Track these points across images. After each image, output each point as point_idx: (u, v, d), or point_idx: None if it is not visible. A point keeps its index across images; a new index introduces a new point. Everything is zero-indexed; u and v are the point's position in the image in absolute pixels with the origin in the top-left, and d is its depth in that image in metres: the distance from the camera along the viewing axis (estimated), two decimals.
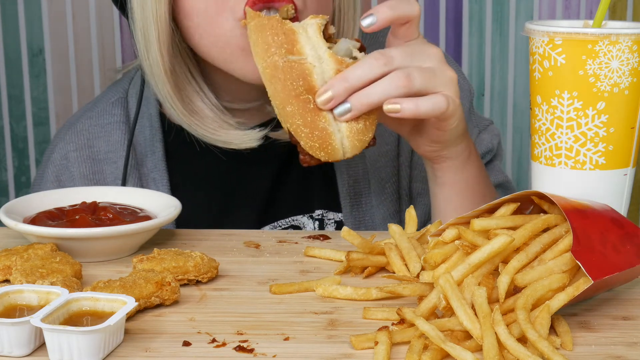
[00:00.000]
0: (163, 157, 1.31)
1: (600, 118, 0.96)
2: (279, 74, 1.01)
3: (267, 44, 1.02)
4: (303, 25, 1.03)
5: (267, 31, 1.02)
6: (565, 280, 0.86)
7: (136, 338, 0.86)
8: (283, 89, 1.01)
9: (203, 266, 0.99)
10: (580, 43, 0.94)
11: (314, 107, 1.02)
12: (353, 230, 1.04)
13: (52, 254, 0.99)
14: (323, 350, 0.83)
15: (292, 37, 1.01)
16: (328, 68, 1.02)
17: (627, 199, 1.00)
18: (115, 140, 1.32)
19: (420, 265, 0.96)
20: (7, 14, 2.36)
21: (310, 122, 1.02)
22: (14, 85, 2.40)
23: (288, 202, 1.34)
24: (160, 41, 1.18)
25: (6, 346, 0.82)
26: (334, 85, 1.01)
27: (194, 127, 1.25)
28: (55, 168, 1.32)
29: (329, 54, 1.02)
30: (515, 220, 0.92)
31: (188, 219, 1.25)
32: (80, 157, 1.32)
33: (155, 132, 1.32)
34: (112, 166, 1.31)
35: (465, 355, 0.78)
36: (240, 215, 1.33)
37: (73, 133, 1.34)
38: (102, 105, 1.35)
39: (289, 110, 1.02)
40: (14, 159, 2.44)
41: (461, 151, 1.15)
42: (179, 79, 1.24)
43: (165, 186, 1.30)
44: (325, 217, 1.34)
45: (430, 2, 2.35)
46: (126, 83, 1.37)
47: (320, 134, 1.02)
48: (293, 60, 1.01)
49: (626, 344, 0.85)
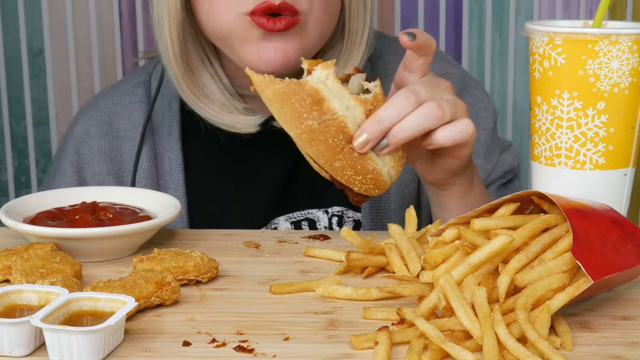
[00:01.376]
0: (179, 137, 1.36)
1: (600, 118, 0.96)
2: (317, 136, 1.02)
3: (296, 111, 1.01)
4: (320, 79, 1.02)
5: (291, 98, 1.01)
6: (565, 280, 0.86)
7: (136, 338, 0.86)
8: (326, 149, 1.02)
9: (203, 266, 0.99)
10: (580, 43, 0.94)
11: (358, 154, 1.04)
12: (353, 231, 1.04)
13: (52, 254, 0.99)
14: (323, 350, 0.83)
15: (317, 97, 1.01)
16: (357, 112, 1.03)
17: (627, 199, 1.00)
18: (135, 119, 1.38)
19: (420, 265, 0.96)
20: (7, 14, 2.36)
21: (361, 169, 1.04)
22: (14, 85, 2.40)
23: (304, 194, 1.35)
24: (171, 27, 1.26)
25: (6, 346, 0.82)
26: (368, 128, 1.02)
27: (199, 109, 1.31)
28: (75, 141, 1.39)
29: (354, 99, 1.03)
30: (515, 220, 0.92)
31: (200, 202, 1.32)
32: (100, 133, 1.38)
33: (174, 113, 1.37)
34: (130, 143, 1.37)
35: (465, 355, 0.78)
36: (252, 202, 1.36)
37: (95, 110, 1.40)
38: (126, 86, 1.42)
39: (338, 166, 1.04)
40: (14, 159, 2.44)
41: (466, 177, 1.16)
42: (193, 62, 1.31)
43: (180, 165, 1.35)
44: (344, 215, 1.36)
45: (430, 2, 2.35)
46: (151, 67, 1.44)
47: (372, 176, 1.05)
48: (327, 119, 1.01)
49: (626, 344, 0.85)
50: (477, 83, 1.44)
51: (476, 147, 1.37)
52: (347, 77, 1.06)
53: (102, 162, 1.37)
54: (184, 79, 1.30)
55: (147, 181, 1.35)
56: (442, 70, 1.41)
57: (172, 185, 1.35)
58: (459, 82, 1.40)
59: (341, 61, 1.32)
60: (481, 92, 1.42)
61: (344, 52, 1.33)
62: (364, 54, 1.32)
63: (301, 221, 1.35)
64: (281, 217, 1.35)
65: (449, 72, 1.41)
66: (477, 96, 1.41)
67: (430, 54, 1.08)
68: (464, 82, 1.41)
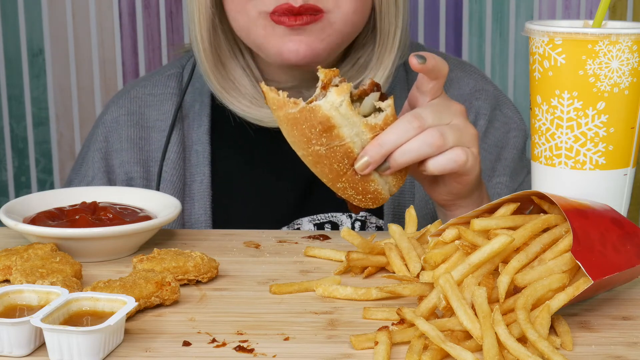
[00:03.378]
0: (208, 131, 1.38)
1: (600, 118, 0.96)
2: (323, 160, 1.03)
3: (305, 136, 1.02)
4: (334, 105, 1.02)
5: (302, 125, 1.02)
6: (565, 280, 0.86)
7: (136, 338, 0.86)
8: (330, 172, 1.04)
9: (203, 266, 0.99)
10: (580, 43, 0.94)
11: (361, 176, 1.05)
12: (353, 231, 1.04)
13: (52, 254, 0.99)
14: (323, 350, 0.83)
15: (328, 124, 1.01)
16: (366, 138, 1.04)
17: (627, 199, 1.00)
18: (166, 110, 1.40)
19: (420, 265, 0.96)
20: (7, 14, 2.36)
21: (362, 190, 1.06)
22: (14, 85, 2.40)
23: (329, 197, 1.35)
24: (201, 23, 1.30)
25: (6, 346, 0.82)
26: (370, 151, 1.03)
27: (228, 102, 1.33)
28: (105, 129, 1.40)
29: (364, 126, 1.04)
30: (515, 220, 0.92)
31: (225, 196, 1.34)
32: (130, 121, 1.40)
33: (204, 107, 1.39)
34: (159, 134, 1.39)
35: (465, 355, 0.78)
36: (277, 199, 1.36)
37: (127, 99, 1.42)
38: (158, 77, 1.44)
39: (340, 186, 1.06)
40: (14, 159, 2.44)
41: (473, 200, 1.16)
42: (225, 56, 1.34)
43: (207, 159, 1.37)
44: (368, 220, 1.37)
45: (430, 2, 2.35)
46: (184, 60, 1.46)
47: (372, 195, 1.07)
48: (335, 145, 1.02)
49: (626, 344, 0.85)
50: (510, 102, 1.44)
51: (503, 165, 1.38)
52: (362, 93, 1.06)
53: (130, 151, 1.38)
54: (213, 72, 1.32)
55: (174, 172, 1.36)
56: (477, 87, 1.41)
57: (198, 178, 1.36)
58: (492, 100, 1.40)
59: (373, 63, 1.32)
60: (513, 111, 1.42)
61: (376, 53, 1.32)
62: (397, 57, 1.32)
63: (324, 224, 1.35)
64: (305, 218, 1.35)
65: (484, 88, 1.41)
66: (508, 115, 1.41)
67: (442, 78, 1.08)
68: (497, 100, 1.41)
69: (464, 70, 1.43)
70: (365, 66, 1.33)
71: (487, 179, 1.37)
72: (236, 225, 1.33)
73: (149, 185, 1.36)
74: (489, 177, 1.37)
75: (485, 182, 1.32)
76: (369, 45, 1.34)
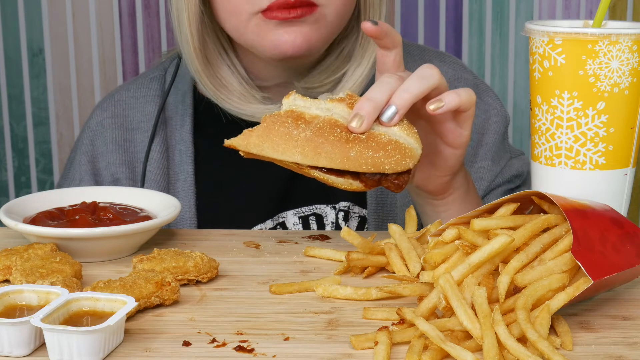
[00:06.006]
0: (190, 130, 1.39)
1: (600, 118, 0.96)
2: (318, 141, 0.99)
3: (286, 133, 1.00)
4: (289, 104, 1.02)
5: (274, 127, 1.00)
6: (565, 280, 0.86)
7: (136, 338, 0.86)
8: (333, 147, 0.99)
9: (203, 266, 0.99)
10: (580, 43, 0.94)
11: (366, 136, 1.00)
12: (353, 231, 1.04)
13: (52, 254, 0.99)
14: (323, 350, 0.83)
15: (295, 113, 1.01)
16: (340, 109, 1.02)
17: (627, 199, 1.00)
18: (149, 111, 1.42)
19: (420, 265, 0.96)
20: (7, 14, 2.36)
21: (376, 145, 1.00)
22: (14, 85, 2.40)
23: (311, 189, 1.36)
24: (190, 21, 1.30)
25: (6, 346, 0.82)
26: (361, 107, 1.00)
27: (220, 100, 1.35)
28: (91, 132, 1.43)
29: (330, 101, 1.02)
30: (515, 220, 0.92)
31: (209, 194, 1.35)
32: (115, 124, 1.42)
33: (186, 107, 1.41)
34: (143, 135, 1.40)
35: (465, 355, 0.78)
36: (261, 193, 1.37)
37: (111, 102, 1.44)
38: (141, 80, 1.46)
39: (354, 155, 0.99)
40: (14, 159, 2.44)
41: (463, 181, 1.16)
42: (211, 55, 1.35)
43: (190, 157, 1.38)
44: (351, 210, 1.37)
45: (430, 2, 2.35)
46: (167, 63, 1.48)
47: (392, 146, 1.00)
48: (316, 123, 1.00)
49: (626, 344, 0.85)
50: (490, 89, 1.44)
51: (484, 150, 1.38)
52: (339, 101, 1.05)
53: (115, 153, 1.40)
54: (204, 71, 1.33)
55: (158, 171, 1.38)
56: (456, 75, 1.42)
57: (182, 177, 1.38)
58: (472, 88, 1.40)
59: (357, 52, 1.34)
60: (494, 98, 1.43)
61: (360, 43, 1.34)
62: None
63: (309, 216, 1.36)
64: (289, 211, 1.37)
65: (462, 77, 1.42)
66: (489, 102, 1.42)
67: (399, 47, 1.07)
68: (477, 88, 1.42)
69: (443, 60, 1.45)
70: (350, 56, 1.35)
71: (470, 164, 1.37)
72: (222, 222, 1.34)
73: (135, 185, 1.38)
74: (471, 163, 1.37)
75: (468, 168, 1.33)
76: (352, 35, 1.35)
